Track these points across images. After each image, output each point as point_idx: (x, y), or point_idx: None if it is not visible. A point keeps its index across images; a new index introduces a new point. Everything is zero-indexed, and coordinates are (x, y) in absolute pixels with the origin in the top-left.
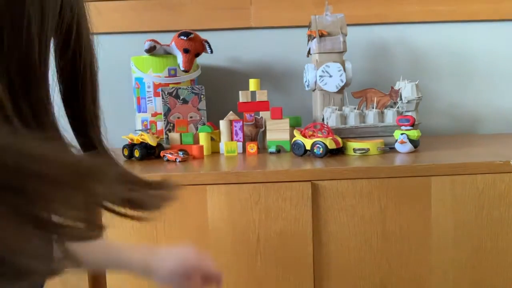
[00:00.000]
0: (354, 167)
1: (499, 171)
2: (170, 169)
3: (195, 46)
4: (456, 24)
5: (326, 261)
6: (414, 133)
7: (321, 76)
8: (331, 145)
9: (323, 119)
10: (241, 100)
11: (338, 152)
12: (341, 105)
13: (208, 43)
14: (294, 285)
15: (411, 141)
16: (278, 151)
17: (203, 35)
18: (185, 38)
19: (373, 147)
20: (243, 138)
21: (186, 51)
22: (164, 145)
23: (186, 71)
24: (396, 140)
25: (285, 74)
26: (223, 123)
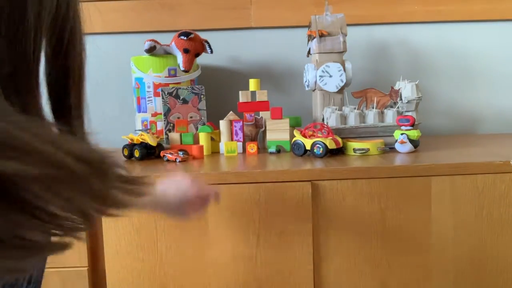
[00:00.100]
0: (354, 167)
1: (499, 171)
2: (170, 169)
3: (195, 46)
4: (456, 24)
5: (326, 261)
6: (414, 133)
7: (321, 76)
8: (331, 145)
9: (323, 119)
10: (241, 100)
11: (338, 152)
12: (341, 105)
13: (208, 43)
14: (294, 286)
15: (411, 141)
16: (278, 151)
17: (203, 35)
18: (185, 38)
19: (373, 147)
20: (243, 138)
21: (186, 51)
22: (164, 145)
23: (186, 71)
24: (396, 140)
25: (285, 74)
26: (223, 123)
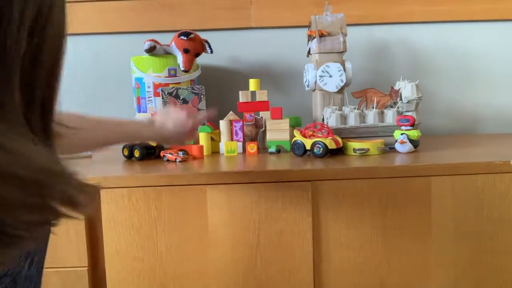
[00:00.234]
0: (354, 167)
1: (499, 171)
2: (170, 169)
3: (195, 46)
4: (456, 24)
5: (326, 261)
6: (414, 133)
7: (321, 76)
8: (331, 145)
9: (323, 119)
10: (241, 100)
11: (338, 152)
12: (341, 105)
13: (208, 43)
14: (294, 285)
15: (411, 141)
16: (278, 151)
17: (203, 35)
18: (185, 38)
19: (373, 147)
20: (243, 138)
21: (186, 51)
22: (164, 145)
23: (186, 71)
24: (396, 140)
25: (285, 74)
26: (223, 123)
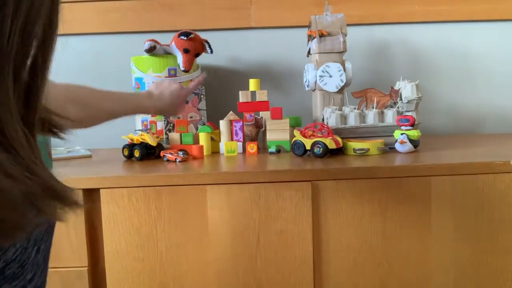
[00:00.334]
0: (354, 167)
1: (499, 171)
2: (170, 169)
3: (195, 46)
4: (456, 24)
5: (326, 261)
6: (414, 133)
7: (321, 76)
8: (331, 145)
9: (323, 119)
10: (241, 100)
11: (338, 152)
12: (341, 105)
13: (208, 43)
14: (294, 285)
15: (411, 141)
16: (278, 151)
17: (203, 35)
18: (185, 38)
19: (373, 147)
20: (243, 138)
21: (186, 51)
22: (164, 145)
23: (186, 71)
24: (396, 140)
25: (285, 74)
26: (223, 123)
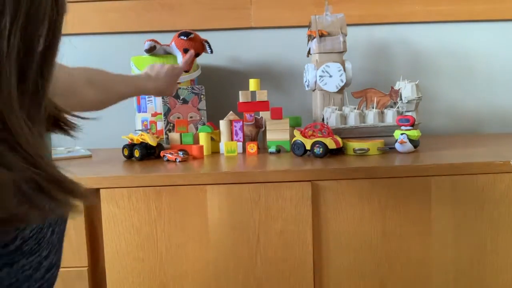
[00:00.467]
0: (354, 167)
1: (499, 171)
2: (170, 169)
3: (195, 46)
4: (456, 24)
5: (326, 261)
6: (414, 133)
7: (321, 76)
8: (331, 145)
9: (323, 119)
10: (241, 100)
11: (338, 152)
12: (341, 105)
13: (208, 43)
14: (294, 285)
15: (411, 141)
16: (278, 151)
17: (203, 35)
18: (185, 38)
19: (373, 147)
20: (243, 138)
21: (186, 51)
22: (164, 145)
23: (186, 71)
24: (396, 140)
25: (285, 74)
26: (223, 123)
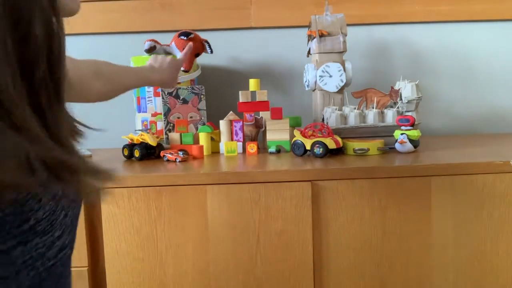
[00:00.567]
0: (354, 167)
1: (499, 171)
2: (170, 169)
3: (195, 46)
4: (456, 24)
5: (326, 261)
6: (414, 133)
7: (321, 76)
8: (331, 145)
9: (323, 119)
10: (241, 100)
11: (338, 152)
12: (341, 105)
13: (208, 43)
14: (294, 285)
15: (411, 141)
16: (278, 151)
17: (203, 35)
18: (185, 38)
19: (373, 147)
20: (243, 138)
21: None
22: (164, 145)
23: (186, 71)
24: (396, 140)
25: (285, 74)
26: (223, 123)
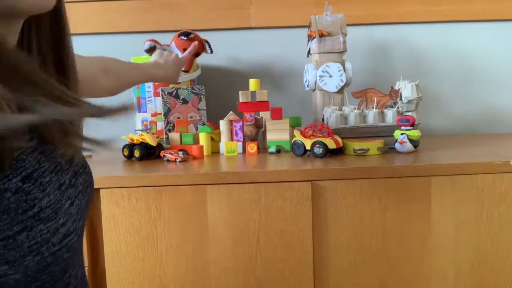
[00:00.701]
0: (354, 167)
1: (499, 171)
2: (170, 169)
3: None
4: (456, 24)
5: (326, 261)
6: (414, 133)
7: (321, 76)
8: (331, 145)
9: (323, 119)
10: (241, 100)
11: (338, 152)
12: (341, 105)
13: (208, 43)
14: (294, 285)
15: (411, 141)
16: (278, 151)
17: (203, 35)
18: (185, 38)
19: (373, 147)
20: (243, 138)
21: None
22: (164, 145)
23: (186, 71)
24: (396, 140)
25: (285, 74)
26: (223, 123)
